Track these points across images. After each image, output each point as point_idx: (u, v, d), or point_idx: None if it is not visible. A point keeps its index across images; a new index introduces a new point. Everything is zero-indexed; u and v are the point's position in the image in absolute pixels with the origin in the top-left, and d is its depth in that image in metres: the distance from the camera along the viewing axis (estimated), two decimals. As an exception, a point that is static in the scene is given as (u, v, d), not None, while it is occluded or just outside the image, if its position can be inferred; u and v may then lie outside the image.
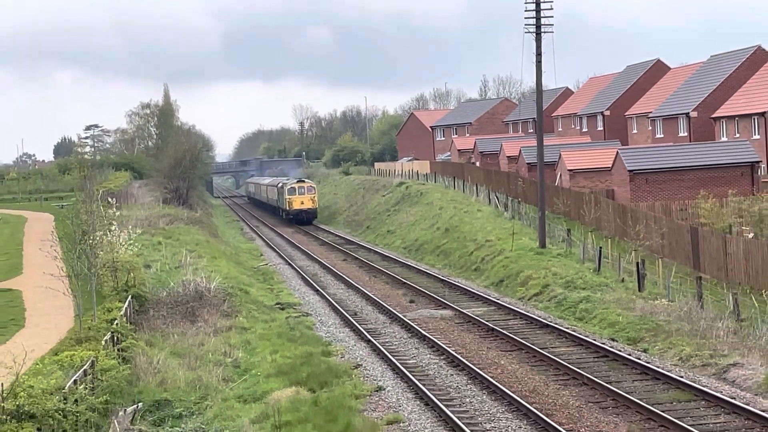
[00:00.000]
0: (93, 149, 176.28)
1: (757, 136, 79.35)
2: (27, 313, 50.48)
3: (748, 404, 27.58)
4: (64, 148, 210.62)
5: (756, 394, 29.38)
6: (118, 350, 37.18)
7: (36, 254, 69.59)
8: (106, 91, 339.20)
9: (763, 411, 26.71)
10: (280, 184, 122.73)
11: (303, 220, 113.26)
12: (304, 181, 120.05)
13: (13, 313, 50.43)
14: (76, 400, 28.13)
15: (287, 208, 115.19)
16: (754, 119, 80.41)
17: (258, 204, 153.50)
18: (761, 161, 75.27)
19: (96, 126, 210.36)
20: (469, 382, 33.28)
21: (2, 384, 27.54)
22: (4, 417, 25.10)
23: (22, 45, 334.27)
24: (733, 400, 27.97)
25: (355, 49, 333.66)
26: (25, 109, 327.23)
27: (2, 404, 25.70)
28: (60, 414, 26.06)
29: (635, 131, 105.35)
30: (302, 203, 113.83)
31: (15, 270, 65.50)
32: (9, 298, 54.87)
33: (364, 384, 33.54)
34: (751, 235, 54.93)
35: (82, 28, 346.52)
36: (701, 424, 26.13)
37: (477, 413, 29.15)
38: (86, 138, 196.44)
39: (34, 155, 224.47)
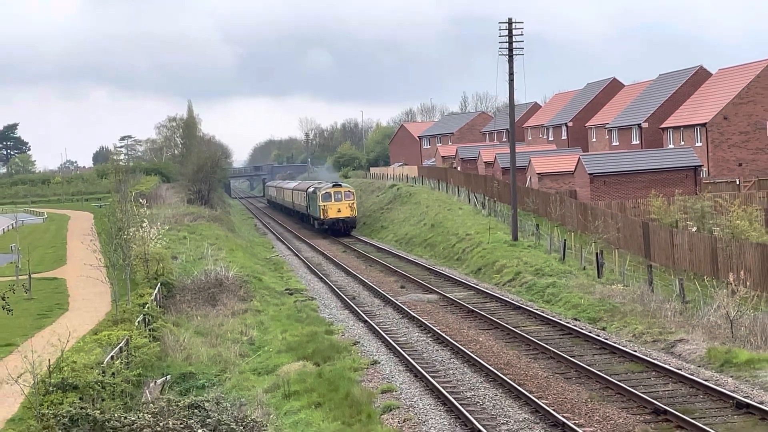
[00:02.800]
0: (126, 156, 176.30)
1: (699, 144, 79.55)
2: (70, 298, 50.45)
3: (692, 374, 27.65)
4: (101, 155, 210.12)
5: (699, 366, 29.44)
6: (149, 330, 37.17)
7: (78, 248, 69.53)
8: (137, 107, 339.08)
9: (705, 380, 26.81)
10: (311, 189, 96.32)
11: (340, 230, 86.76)
12: (340, 185, 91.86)
13: (59, 298, 50.41)
14: (113, 373, 28.10)
15: (321, 217, 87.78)
16: (696, 129, 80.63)
17: (279, 208, 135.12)
18: (702, 165, 75.60)
19: (129, 137, 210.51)
20: (452, 356, 33.34)
21: (49, 360, 27.51)
22: (51, 388, 25.08)
23: (64, 66, 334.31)
24: (679, 371, 28.06)
25: (352, 69, 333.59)
26: (67, 121, 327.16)
27: (49, 377, 25.68)
28: (99, 385, 26.03)
29: (594, 140, 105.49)
30: (339, 211, 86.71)
31: (60, 261, 65.47)
32: (55, 285, 54.85)
33: (361, 358, 33.60)
34: (694, 229, 55.05)
35: (115, 52, 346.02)
36: (652, 392, 26.20)
37: (459, 383, 29.20)
38: (121, 147, 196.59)
39: (75, 162, 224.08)
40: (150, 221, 55.65)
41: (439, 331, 37.26)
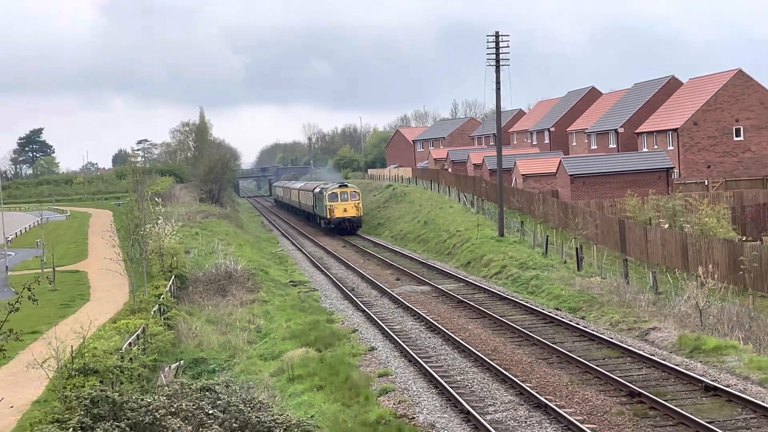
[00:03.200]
0: (143, 159, 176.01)
1: (671, 147, 79.64)
2: (91, 289, 50.51)
3: (664, 360, 27.72)
4: (120, 158, 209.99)
5: (671, 352, 29.52)
6: (164, 319, 37.25)
7: (98, 243, 69.56)
8: (153, 113, 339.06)
9: (676, 365, 26.86)
10: (318, 189, 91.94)
11: (346, 229, 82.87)
12: (346, 186, 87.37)
13: (81, 289, 50.46)
14: (130, 359, 28.16)
15: (328, 217, 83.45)
16: (668, 134, 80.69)
17: (285, 207, 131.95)
18: (674, 167, 75.67)
19: (146, 140, 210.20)
20: (444, 343, 33.38)
21: (72, 346, 27.51)
22: (74, 372, 25.10)
23: (86, 76, 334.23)
24: (652, 357, 28.11)
25: (351, 79, 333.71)
26: (89, 126, 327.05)
27: (72, 362, 25.70)
28: (118, 369, 26.08)
29: (575, 144, 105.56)
30: (345, 211, 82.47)
31: (82, 255, 65.54)
32: (77, 277, 54.93)
33: (359, 345, 33.65)
34: (666, 226, 55.10)
35: (133, 63, 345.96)
36: (628, 376, 26.27)
37: (450, 368, 29.24)
38: (138, 150, 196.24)
39: (96, 164, 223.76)
40: (165, 218, 55.69)
41: (431, 320, 37.30)
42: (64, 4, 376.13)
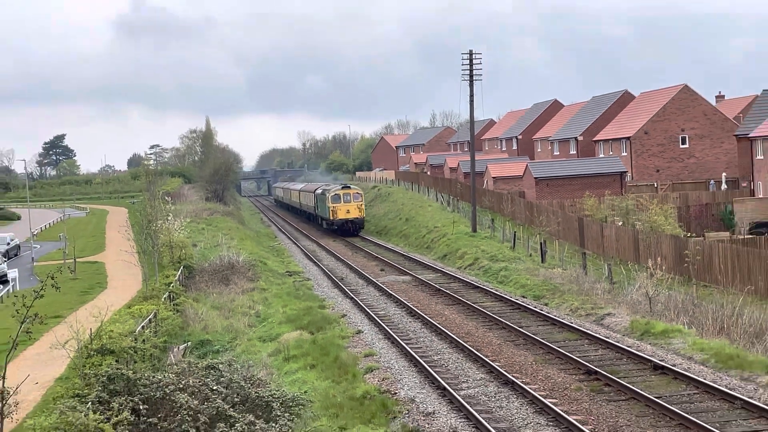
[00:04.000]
0: (155, 162, 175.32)
1: (624, 154, 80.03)
2: (108, 278, 50.35)
3: (618, 342, 27.80)
4: (134, 161, 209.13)
5: (624, 335, 29.60)
6: (173, 305, 37.16)
7: (115, 237, 69.43)
8: (163, 121, 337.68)
9: (628, 347, 26.94)
10: (319, 190, 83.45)
11: (349, 231, 74.94)
12: (349, 187, 78.72)
13: (99, 278, 50.32)
14: (143, 340, 28.06)
15: (330, 218, 75.18)
16: (622, 142, 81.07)
17: (284, 206, 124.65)
18: (627, 171, 76.07)
19: (157, 145, 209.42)
20: (423, 326, 33.40)
21: (91, 329, 27.39)
22: (92, 352, 25.01)
23: (104, 87, 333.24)
24: (607, 339, 28.19)
25: (341, 91, 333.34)
26: (106, 133, 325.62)
27: (91, 343, 25.60)
28: (132, 350, 26.00)
29: (539, 150, 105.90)
30: (348, 212, 74.39)
31: (100, 248, 65.34)
32: (96, 268, 54.76)
33: (348, 328, 33.63)
34: (620, 223, 55.32)
35: (145, 76, 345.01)
36: (586, 356, 26.33)
37: (428, 349, 29.26)
38: (150, 153, 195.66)
39: (113, 166, 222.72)
40: (174, 215, 55.69)
41: (412, 306, 37.33)
42: (84, 25, 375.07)
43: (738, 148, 74.61)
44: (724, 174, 76.88)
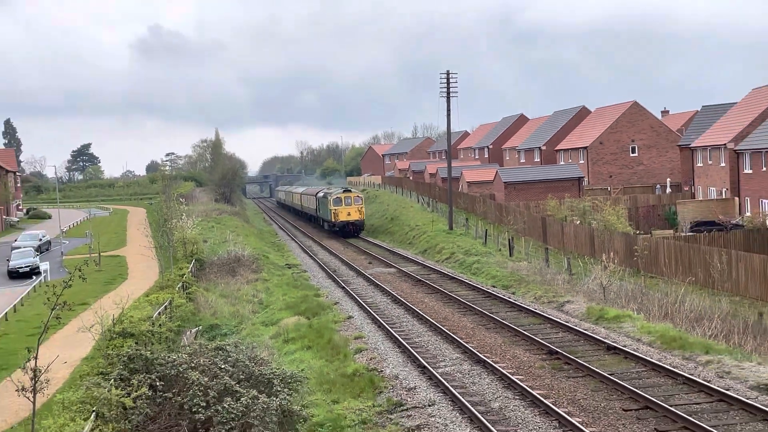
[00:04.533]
0: (170, 167, 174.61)
1: (582, 161, 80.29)
2: (129, 270, 50.26)
3: (576, 326, 27.90)
4: (152, 166, 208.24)
5: (581, 320, 29.73)
6: (186, 293, 37.13)
7: (135, 233, 69.18)
8: (177, 131, 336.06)
9: (585, 330, 27.06)
10: (321, 194, 78.41)
11: (350, 232, 70.32)
12: (350, 191, 73.95)
13: (120, 270, 50.21)
14: (159, 324, 28.02)
15: (332, 220, 70.38)
16: (580, 151, 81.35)
17: (286, 208, 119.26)
18: (584, 177, 76.29)
19: (172, 153, 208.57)
20: (406, 313, 33.45)
21: (113, 314, 27.32)
22: (115, 335, 24.98)
23: (124, 102, 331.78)
24: (567, 323, 28.30)
25: (334, 106, 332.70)
26: (127, 142, 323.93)
27: (113, 327, 25.56)
28: (149, 333, 25.96)
29: (508, 158, 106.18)
30: (349, 215, 69.84)
31: (122, 243, 65.10)
32: (118, 261, 54.62)
33: (340, 314, 33.64)
34: (578, 222, 55.48)
35: (161, 92, 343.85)
36: (548, 338, 26.44)
37: (410, 332, 29.30)
38: (166, 160, 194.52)
39: (133, 171, 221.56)
40: (187, 215, 55.49)
41: (396, 295, 37.36)
42: (107, 47, 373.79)
43: (680, 157, 75.04)
44: (668, 179, 77.33)
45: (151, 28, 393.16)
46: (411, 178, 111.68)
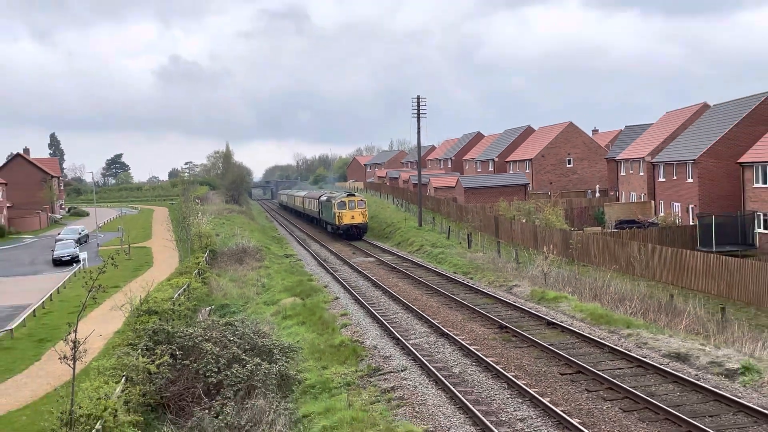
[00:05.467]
0: (188, 174, 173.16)
1: (527, 171, 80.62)
2: (154, 259, 49.90)
3: (522, 305, 27.97)
4: (173, 173, 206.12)
5: (526, 300, 29.82)
6: (201, 278, 36.90)
7: (159, 228, 68.64)
8: (194, 144, 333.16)
9: (530, 309, 27.12)
10: (324, 197, 70.03)
11: (354, 235, 61.63)
12: (354, 195, 64.60)
13: (147, 259, 49.83)
14: (179, 304, 27.85)
15: (336, 223, 61.94)
16: (526, 162, 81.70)
17: (288, 210, 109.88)
18: (529, 183, 76.62)
19: (190, 162, 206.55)
20: (383, 295, 33.37)
21: (140, 295, 27.09)
22: (141, 313, 24.80)
23: (149, 119, 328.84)
24: (515, 303, 28.37)
25: (324, 123, 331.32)
26: (152, 152, 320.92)
27: (140, 306, 25.36)
28: (171, 311, 25.82)
29: (467, 167, 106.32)
30: (353, 218, 61.77)
31: (148, 237, 64.58)
32: (145, 251, 54.20)
33: (329, 295, 33.50)
34: (524, 220, 55.70)
35: (181, 111, 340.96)
36: (499, 315, 26.48)
37: (386, 310, 29.24)
38: (185, 168, 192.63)
39: (158, 177, 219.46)
40: (202, 213, 55.19)
41: (375, 280, 37.28)
42: (134, 73, 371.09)
43: (608, 167, 75.64)
44: (597, 186, 77.93)
45: (171, 58, 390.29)
46: (388, 183, 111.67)
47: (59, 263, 50.76)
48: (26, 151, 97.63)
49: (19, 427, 18.26)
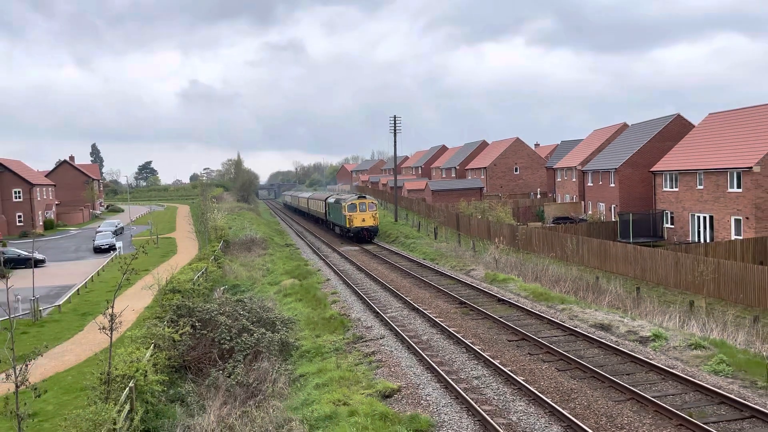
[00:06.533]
0: (206, 178, 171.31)
1: (483, 177, 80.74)
2: (177, 247, 49.28)
3: (477, 285, 27.97)
4: (194, 177, 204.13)
5: (481, 281, 29.86)
6: (217, 263, 36.53)
7: (182, 222, 67.80)
8: (211, 153, 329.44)
9: (484, 288, 27.13)
10: (332, 200, 58.49)
11: (364, 238, 50.51)
12: (365, 197, 52.16)
13: (172, 247, 49.21)
14: (198, 284, 27.57)
15: (347, 226, 50.61)
16: (482, 170, 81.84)
17: (291, 209, 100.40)
18: (484, 187, 76.80)
19: (208, 168, 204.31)
20: (366, 276, 33.25)
21: (167, 277, 26.76)
22: (167, 291, 24.52)
23: (173, 132, 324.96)
24: (471, 284, 28.38)
25: (316, 136, 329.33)
26: (176, 159, 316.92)
27: (166, 286, 25.07)
28: (191, 290, 25.54)
29: (434, 174, 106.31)
30: (363, 221, 50.55)
31: (172, 229, 63.83)
32: (170, 241, 53.53)
33: (322, 277, 33.33)
34: (479, 217, 55.89)
35: (199, 126, 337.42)
36: (459, 293, 26.51)
37: (369, 289, 29.14)
38: (204, 172, 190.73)
39: (181, 180, 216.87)
40: (218, 210, 54.63)
41: (359, 264, 37.12)
42: (160, 94, 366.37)
43: (547, 174, 76.30)
44: (539, 189, 78.45)
45: (191, 82, 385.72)
46: (370, 187, 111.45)
47: (99, 251, 50.06)
48: (71, 158, 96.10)
49: (65, 385, 18.00)
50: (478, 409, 12.95)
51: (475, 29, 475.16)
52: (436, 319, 21.64)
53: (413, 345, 18.44)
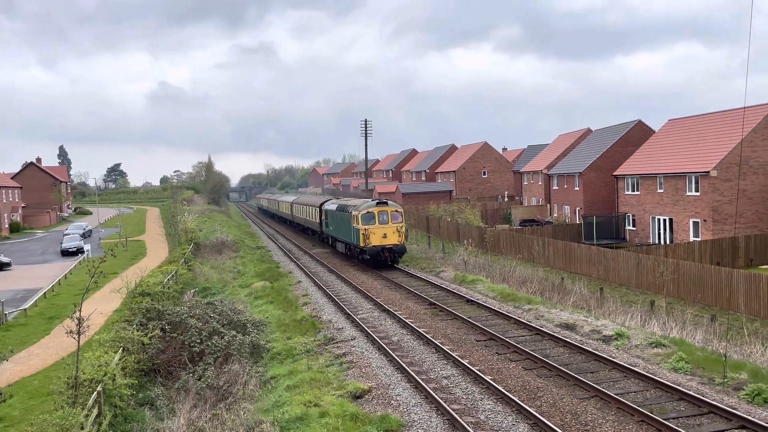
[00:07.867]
0: (176, 180, 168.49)
1: (452, 180, 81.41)
2: (147, 250, 48.38)
3: (447, 286, 27.99)
4: (164, 179, 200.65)
5: (450, 282, 29.92)
6: (187, 266, 35.96)
7: (152, 224, 66.55)
8: (181, 155, 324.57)
9: (453, 289, 27.17)
10: (333, 205, 40.49)
11: (385, 262, 32.75)
12: (386, 204, 32.21)
13: (141, 250, 48.29)
14: (168, 287, 27.08)
15: (359, 244, 32.35)
16: (451, 173, 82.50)
17: (267, 214, 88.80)
18: (453, 190, 77.40)
19: (178, 170, 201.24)
20: (337, 279, 32.98)
21: (135, 280, 26.23)
22: (136, 294, 24.03)
23: (143, 134, 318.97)
24: (441, 285, 28.40)
25: (289, 140, 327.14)
26: (145, 162, 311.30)
27: (135, 289, 24.57)
28: (161, 293, 25.08)
29: (405, 177, 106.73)
30: (385, 236, 31.81)
31: (142, 231, 62.61)
32: (139, 244, 52.52)
33: (293, 279, 33.01)
34: (449, 219, 56.28)
35: (169, 129, 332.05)
36: (429, 294, 26.49)
37: (340, 292, 28.94)
38: (174, 175, 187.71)
39: (150, 182, 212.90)
40: (188, 213, 53.76)
41: (330, 266, 36.84)
42: (129, 96, 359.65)
43: (514, 178, 77.24)
44: (506, 192, 79.39)
45: (159, 83, 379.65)
46: (341, 189, 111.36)
47: (67, 254, 48.83)
48: (38, 160, 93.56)
49: (31, 389, 17.47)
50: (448, 408, 13.01)
51: (443, 35, 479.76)
52: (407, 320, 21.63)
53: (384, 346, 18.42)
